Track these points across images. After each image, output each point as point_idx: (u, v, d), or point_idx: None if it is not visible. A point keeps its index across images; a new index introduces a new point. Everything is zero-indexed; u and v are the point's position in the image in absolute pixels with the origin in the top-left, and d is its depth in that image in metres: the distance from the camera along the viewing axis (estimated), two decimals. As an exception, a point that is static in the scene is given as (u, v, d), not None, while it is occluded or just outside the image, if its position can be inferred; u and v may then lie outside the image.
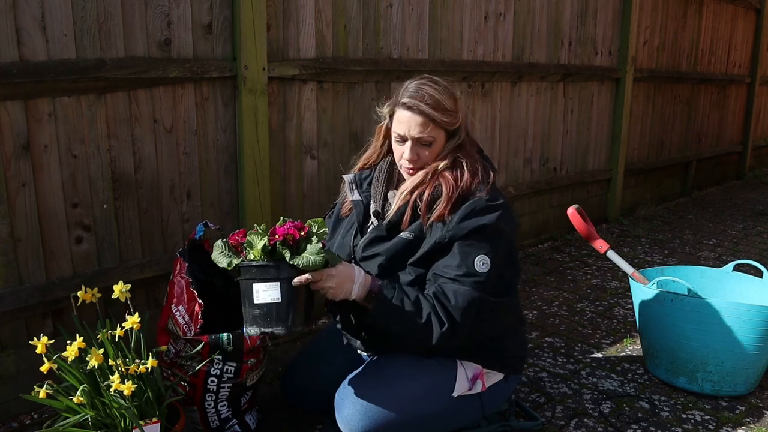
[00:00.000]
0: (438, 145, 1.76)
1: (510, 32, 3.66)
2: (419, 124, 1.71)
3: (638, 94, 4.88)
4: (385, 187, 1.86)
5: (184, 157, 2.37)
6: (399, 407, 1.69)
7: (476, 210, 1.69)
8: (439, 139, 1.75)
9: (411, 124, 1.72)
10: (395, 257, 1.74)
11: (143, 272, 2.28)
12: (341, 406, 1.72)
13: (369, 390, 1.70)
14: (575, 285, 3.46)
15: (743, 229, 4.78)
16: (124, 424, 1.59)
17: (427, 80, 1.76)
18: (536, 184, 4.07)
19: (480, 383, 1.82)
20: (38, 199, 2.02)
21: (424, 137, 1.73)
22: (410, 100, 1.71)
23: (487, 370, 1.85)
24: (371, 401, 1.68)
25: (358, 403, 1.69)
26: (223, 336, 1.82)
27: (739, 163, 6.87)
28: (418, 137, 1.73)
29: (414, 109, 1.71)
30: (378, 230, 1.79)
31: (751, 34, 6.48)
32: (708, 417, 2.19)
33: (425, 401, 1.74)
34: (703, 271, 2.60)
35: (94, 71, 2.04)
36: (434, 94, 1.72)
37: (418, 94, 1.72)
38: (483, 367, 1.84)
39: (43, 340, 1.56)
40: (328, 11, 2.70)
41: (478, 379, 1.82)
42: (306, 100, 2.70)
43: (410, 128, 1.72)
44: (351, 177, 1.92)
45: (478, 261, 1.67)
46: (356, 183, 1.91)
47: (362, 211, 1.87)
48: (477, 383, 1.81)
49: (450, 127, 1.75)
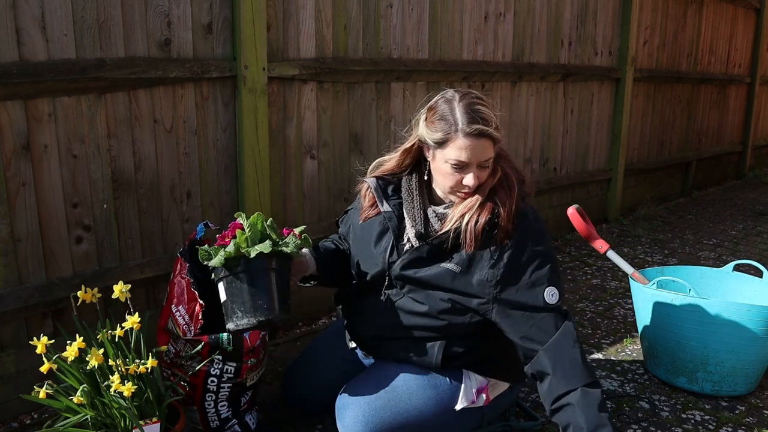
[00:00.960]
0: (492, 162, 1.70)
1: (510, 32, 3.66)
2: (485, 149, 1.63)
3: (638, 94, 4.88)
4: (422, 204, 1.76)
5: (184, 157, 2.37)
6: (402, 419, 1.68)
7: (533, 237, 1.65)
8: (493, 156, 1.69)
9: (477, 151, 1.62)
10: (435, 286, 1.68)
11: (143, 272, 2.28)
12: (343, 412, 1.70)
13: (373, 399, 1.69)
14: (575, 285, 3.46)
15: (743, 229, 4.78)
16: (124, 424, 1.59)
17: (475, 98, 1.66)
18: (536, 184, 4.06)
19: (484, 397, 1.79)
20: (38, 199, 2.02)
21: (490, 158, 1.66)
22: (478, 127, 1.61)
23: (495, 381, 1.82)
24: (374, 410, 1.67)
25: (361, 411, 1.67)
26: (223, 336, 1.82)
27: (739, 163, 6.88)
28: (485, 160, 1.65)
29: (482, 135, 1.61)
30: (419, 252, 1.70)
31: (751, 34, 6.48)
32: (708, 417, 2.19)
33: (428, 414, 1.71)
34: (703, 271, 2.60)
35: (94, 71, 2.04)
36: (489, 114, 1.64)
37: (479, 118, 1.62)
38: (492, 378, 1.81)
39: (43, 340, 1.56)
40: (328, 11, 2.70)
41: (483, 393, 1.79)
42: (306, 100, 2.70)
43: (477, 155, 1.62)
44: (374, 182, 1.82)
45: (547, 294, 1.63)
46: (381, 190, 1.81)
47: (397, 226, 1.76)
48: (481, 397, 1.79)
49: (500, 141, 1.69)
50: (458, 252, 1.67)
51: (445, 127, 1.63)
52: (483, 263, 1.65)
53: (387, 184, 1.83)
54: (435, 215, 1.75)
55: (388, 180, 1.84)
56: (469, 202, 1.67)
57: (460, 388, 1.76)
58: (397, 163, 1.82)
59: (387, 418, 1.66)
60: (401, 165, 1.82)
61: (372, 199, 1.84)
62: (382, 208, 1.79)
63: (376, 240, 1.79)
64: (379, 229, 1.80)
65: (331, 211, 2.88)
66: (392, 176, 1.84)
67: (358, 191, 1.91)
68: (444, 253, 1.69)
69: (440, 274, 1.67)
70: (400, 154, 1.81)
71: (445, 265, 1.67)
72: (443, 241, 1.68)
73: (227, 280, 1.66)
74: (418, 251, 1.70)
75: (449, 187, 1.69)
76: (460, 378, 1.77)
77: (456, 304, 1.68)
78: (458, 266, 1.66)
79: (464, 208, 1.67)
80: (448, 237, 1.66)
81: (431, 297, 1.70)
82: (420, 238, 1.72)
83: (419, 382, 1.73)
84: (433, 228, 1.73)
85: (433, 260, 1.69)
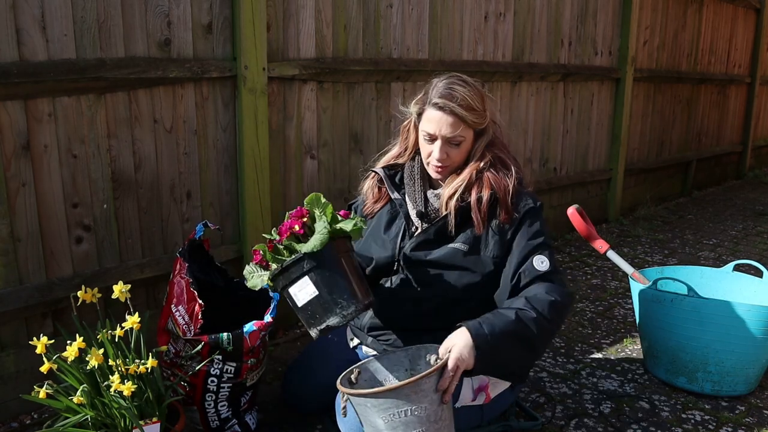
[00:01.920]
0: (467, 145, 1.78)
1: (510, 32, 3.66)
2: (450, 125, 1.72)
3: (638, 94, 4.88)
4: (422, 186, 1.85)
5: (184, 157, 2.37)
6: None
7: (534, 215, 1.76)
8: (467, 138, 1.77)
9: (442, 124, 1.72)
10: (444, 266, 1.75)
11: (143, 272, 2.28)
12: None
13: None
14: (575, 285, 3.46)
15: (743, 229, 4.78)
16: (124, 424, 1.59)
17: (457, 79, 1.76)
18: (536, 184, 4.06)
19: (484, 395, 1.79)
20: (38, 199, 2.02)
21: (455, 137, 1.73)
22: (442, 100, 1.71)
23: (496, 379, 1.81)
24: None
25: None
26: (222, 336, 1.81)
27: (739, 163, 6.87)
28: (449, 137, 1.73)
29: (445, 109, 1.71)
30: (426, 234, 1.78)
31: (751, 34, 6.48)
32: (708, 417, 2.19)
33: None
34: (703, 271, 2.60)
35: (94, 71, 2.04)
36: (465, 95, 1.72)
37: (449, 94, 1.71)
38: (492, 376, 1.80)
39: (43, 340, 1.56)
40: (328, 11, 2.70)
41: (483, 391, 1.79)
42: (306, 100, 2.70)
43: (441, 128, 1.73)
44: (383, 172, 1.90)
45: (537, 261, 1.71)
46: (390, 179, 1.89)
47: (407, 211, 1.84)
48: (481, 395, 1.78)
49: (479, 126, 1.77)
50: (463, 232, 1.76)
51: (423, 96, 1.78)
52: (489, 240, 1.74)
53: (394, 174, 1.91)
54: (434, 195, 1.83)
55: (394, 170, 1.92)
56: (457, 182, 1.76)
57: (460, 386, 1.75)
58: (402, 146, 1.92)
59: None
60: (406, 145, 1.90)
61: (377, 195, 1.92)
62: (393, 195, 1.86)
63: (386, 227, 1.87)
64: (387, 218, 1.88)
65: (331, 211, 2.88)
66: (396, 165, 1.92)
67: (360, 189, 1.97)
68: (449, 235, 1.77)
69: (450, 254, 1.75)
70: (402, 131, 1.91)
71: (453, 245, 1.76)
72: (447, 222, 1.75)
73: (317, 272, 1.50)
74: (425, 233, 1.79)
75: (425, 159, 1.80)
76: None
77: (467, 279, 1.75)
78: (465, 245, 1.75)
79: (454, 188, 1.76)
80: (451, 216, 1.74)
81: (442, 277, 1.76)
82: (421, 218, 1.81)
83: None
84: (433, 207, 1.81)
85: (440, 242, 1.77)
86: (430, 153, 1.76)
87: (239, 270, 2.59)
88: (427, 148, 1.78)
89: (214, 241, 2.48)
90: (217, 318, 2.00)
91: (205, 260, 2.15)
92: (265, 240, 1.65)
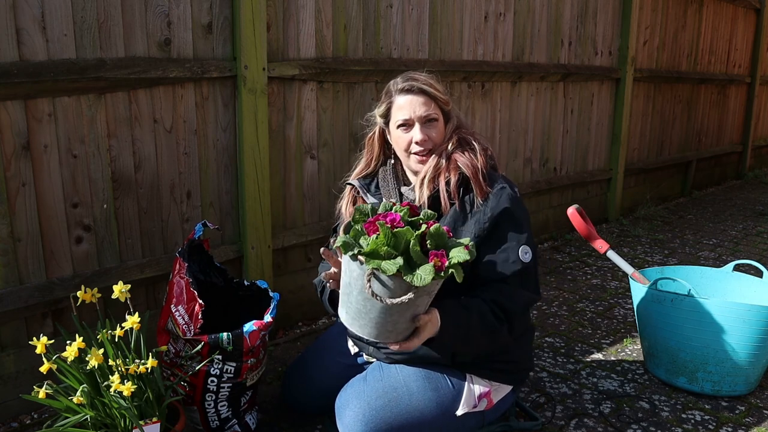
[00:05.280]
0: (441, 125, 1.81)
1: (510, 32, 3.66)
2: (422, 103, 1.77)
3: (638, 94, 4.88)
4: (396, 184, 1.88)
5: (184, 157, 2.37)
6: (402, 420, 1.67)
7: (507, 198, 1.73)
8: (440, 118, 1.81)
9: (414, 105, 1.77)
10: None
11: (143, 272, 2.28)
12: (343, 411, 1.70)
13: (374, 399, 1.68)
14: (575, 285, 3.46)
15: (743, 229, 4.78)
16: (124, 424, 1.59)
17: (412, 71, 1.85)
18: (536, 184, 4.07)
19: (485, 401, 1.79)
20: (38, 199, 2.02)
21: (430, 113, 1.77)
22: (407, 83, 1.78)
23: (498, 385, 1.82)
24: (375, 410, 1.66)
25: (361, 410, 1.66)
26: (222, 336, 1.81)
27: (739, 163, 6.88)
28: (425, 115, 1.77)
29: (413, 89, 1.77)
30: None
31: (751, 34, 6.48)
32: (708, 417, 2.19)
33: (428, 416, 1.71)
34: (703, 271, 2.60)
35: (94, 71, 2.04)
36: (425, 77, 1.81)
37: (411, 78, 1.79)
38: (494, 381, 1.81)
39: (43, 340, 1.56)
40: (328, 11, 2.70)
41: (485, 398, 1.79)
42: (306, 100, 2.70)
43: (414, 109, 1.77)
44: (358, 182, 1.94)
45: (521, 251, 1.70)
46: (366, 187, 1.92)
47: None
48: (482, 401, 1.78)
49: (446, 106, 1.82)
50: (443, 218, 1.76)
51: (386, 97, 1.83)
52: (468, 222, 1.74)
53: (369, 182, 1.93)
54: (409, 190, 1.85)
55: (369, 179, 1.94)
56: (426, 167, 1.77)
57: (462, 393, 1.75)
58: (367, 157, 1.95)
59: (387, 418, 1.66)
60: (371, 156, 1.94)
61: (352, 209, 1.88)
62: (368, 201, 1.88)
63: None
64: None
65: (331, 211, 2.88)
66: (370, 174, 1.95)
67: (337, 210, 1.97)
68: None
69: None
70: (366, 144, 1.96)
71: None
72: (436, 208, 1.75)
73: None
74: None
75: (404, 151, 1.81)
76: (462, 383, 1.76)
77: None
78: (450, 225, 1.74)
79: (426, 172, 1.76)
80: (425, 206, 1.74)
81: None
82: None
83: (420, 383, 1.72)
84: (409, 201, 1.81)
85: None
86: (410, 141, 1.78)
87: (239, 270, 2.59)
88: (404, 138, 1.79)
89: (213, 241, 2.48)
90: (217, 318, 2.00)
91: (205, 260, 2.15)
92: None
